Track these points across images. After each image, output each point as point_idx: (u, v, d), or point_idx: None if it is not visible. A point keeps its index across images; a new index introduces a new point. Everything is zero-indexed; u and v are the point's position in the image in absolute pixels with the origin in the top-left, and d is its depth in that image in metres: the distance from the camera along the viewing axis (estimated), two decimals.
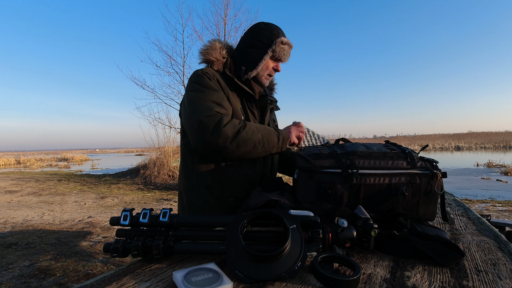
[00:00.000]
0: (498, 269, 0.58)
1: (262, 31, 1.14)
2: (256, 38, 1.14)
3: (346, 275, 0.55)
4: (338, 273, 0.56)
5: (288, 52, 1.15)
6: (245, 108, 1.14)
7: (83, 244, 2.93)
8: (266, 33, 1.13)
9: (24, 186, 7.31)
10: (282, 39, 1.11)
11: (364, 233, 0.64)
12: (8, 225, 3.70)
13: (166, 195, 5.85)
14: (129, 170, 9.78)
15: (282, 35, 1.12)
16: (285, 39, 1.12)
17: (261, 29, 1.14)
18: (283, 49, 1.12)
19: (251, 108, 1.16)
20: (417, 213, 0.83)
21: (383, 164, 0.82)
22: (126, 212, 0.63)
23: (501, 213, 4.07)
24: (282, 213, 0.62)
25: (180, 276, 0.50)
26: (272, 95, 1.35)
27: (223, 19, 8.46)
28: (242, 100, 1.14)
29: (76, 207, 4.83)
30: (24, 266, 2.38)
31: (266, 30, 1.14)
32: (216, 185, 1.07)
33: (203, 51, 1.16)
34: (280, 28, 1.16)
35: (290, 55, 1.18)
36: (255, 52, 1.12)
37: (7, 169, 15.02)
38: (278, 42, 1.10)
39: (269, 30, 1.13)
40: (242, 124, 0.98)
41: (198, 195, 1.09)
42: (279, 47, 1.10)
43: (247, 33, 1.18)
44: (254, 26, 1.17)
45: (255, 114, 1.17)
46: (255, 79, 1.16)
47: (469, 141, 34.69)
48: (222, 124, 0.93)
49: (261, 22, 1.16)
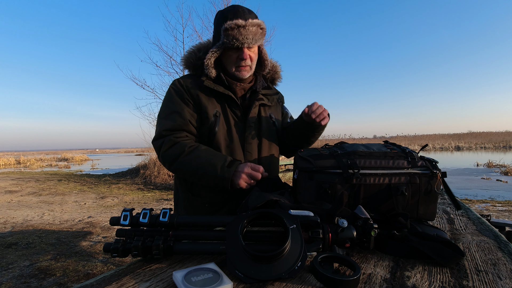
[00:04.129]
0: (498, 269, 0.58)
1: (214, 24, 1.06)
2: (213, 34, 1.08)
3: (346, 275, 0.55)
4: (338, 273, 0.56)
5: (243, 33, 0.96)
6: (225, 110, 1.06)
7: (83, 244, 2.93)
8: (215, 24, 1.05)
9: (24, 186, 7.31)
10: (226, 25, 0.95)
11: (364, 233, 0.64)
12: (8, 225, 3.70)
13: (166, 195, 5.85)
14: (129, 170, 9.78)
15: (228, 19, 0.96)
16: (230, 22, 0.95)
17: (213, 22, 1.07)
18: (232, 35, 0.96)
19: (232, 109, 1.07)
20: (417, 213, 0.83)
21: (384, 163, 0.82)
22: (126, 212, 0.63)
23: (501, 213, 4.07)
24: (282, 213, 0.62)
25: (180, 276, 0.50)
26: (272, 86, 1.23)
27: None
28: (222, 102, 1.07)
29: (76, 207, 4.83)
30: (24, 266, 2.38)
31: (215, 21, 1.05)
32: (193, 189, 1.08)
33: (182, 58, 1.14)
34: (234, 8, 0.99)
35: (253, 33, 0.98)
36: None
37: (7, 169, 15.02)
38: (223, 31, 0.97)
39: (217, 20, 1.03)
40: (185, 150, 0.96)
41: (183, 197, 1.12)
42: (226, 35, 0.97)
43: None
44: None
45: (237, 114, 1.08)
46: (230, 75, 1.07)
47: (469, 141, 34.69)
48: (162, 150, 1.00)
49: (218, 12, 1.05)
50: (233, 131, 1.06)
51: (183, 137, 1.02)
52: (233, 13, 0.97)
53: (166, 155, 0.99)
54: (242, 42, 0.98)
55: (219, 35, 1.01)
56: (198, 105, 1.05)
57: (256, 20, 0.99)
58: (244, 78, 1.07)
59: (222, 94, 1.06)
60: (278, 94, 1.22)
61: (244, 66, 1.04)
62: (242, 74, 1.06)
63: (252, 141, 1.08)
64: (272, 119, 1.16)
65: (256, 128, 1.10)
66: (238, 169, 0.92)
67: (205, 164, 0.94)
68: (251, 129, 1.09)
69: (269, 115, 1.15)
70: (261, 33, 1.02)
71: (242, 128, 1.08)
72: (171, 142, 0.99)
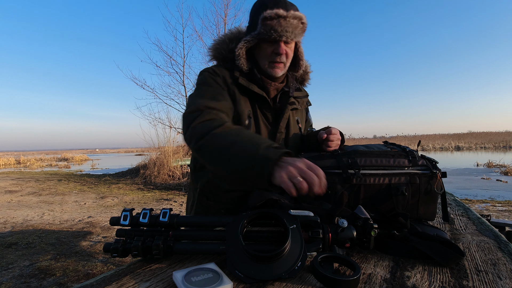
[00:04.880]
0: (498, 269, 0.58)
1: (250, 14, 0.95)
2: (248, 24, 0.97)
3: (346, 275, 0.55)
4: (338, 273, 0.56)
5: (283, 24, 0.86)
6: (255, 112, 0.96)
7: (83, 244, 2.92)
8: (251, 13, 0.94)
9: (24, 186, 7.31)
10: (266, 13, 0.86)
11: (364, 233, 0.64)
12: (8, 225, 3.70)
13: (166, 195, 5.85)
14: (129, 170, 9.78)
15: (268, 8, 0.87)
16: (270, 11, 0.85)
17: (250, 12, 0.96)
18: (270, 25, 0.86)
19: (264, 111, 0.98)
20: (417, 213, 0.83)
21: (385, 162, 0.82)
22: (126, 212, 0.63)
23: (501, 213, 4.07)
24: (282, 213, 0.62)
25: (180, 276, 0.50)
26: (302, 88, 1.11)
27: (223, 19, 8.48)
28: (253, 103, 0.96)
29: (76, 207, 4.83)
30: (24, 266, 2.38)
31: (252, 10, 0.94)
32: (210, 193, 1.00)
33: (210, 47, 1.02)
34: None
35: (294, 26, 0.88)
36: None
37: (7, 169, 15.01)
38: (261, 21, 0.87)
39: (254, 9, 0.93)
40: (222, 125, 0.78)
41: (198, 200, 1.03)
42: (264, 25, 0.87)
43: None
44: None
45: (268, 118, 0.98)
46: (263, 73, 0.96)
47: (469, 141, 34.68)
48: (196, 121, 0.80)
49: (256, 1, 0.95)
50: (262, 135, 0.96)
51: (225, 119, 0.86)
52: (274, 2, 0.87)
53: (199, 126, 0.79)
54: (281, 34, 0.88)
55: (255, 25, 0.90)
56: (233, 102, 0.93)
57: (298, 12, 0.89)
58: (277, 76, 0.96)
59: (255, 94, 0.95)
60: (307, 96, 1.12)
61: (279, 62, 0.93)
62: (275, 71, 0.94)
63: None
64: (299, 124, 1.07)
65: (283, 134, 1.02)
66: (288, 159, 0.65)
67: (246, 141, 0.70)
68: (281, 135, 1.01)
69: (297, 120, 1.06)
70: (302, 28, 0.91)
71: (272, 133, 0.99)
72: (211, 115, 0.82)
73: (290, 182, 0.60)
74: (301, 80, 1.13)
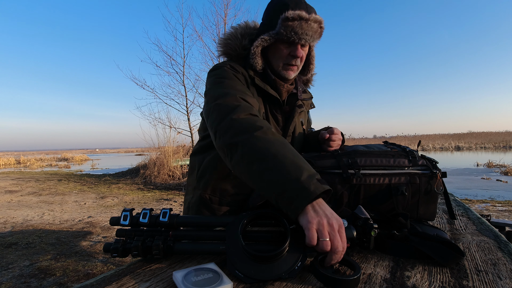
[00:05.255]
0: (498, 269, 0.58)
1: (266, 11, 0.92)
2: (262, 21, 0.94)
3: (346, 275, 0.55)
4: (338, 273, 0.56)
5: (305, 27, 0.84)
6: (267, 113, 0.95)
7: (83, 244, 2.92)
8: (270, 11, 0.91)
9: (24, 186, 7.31)
10: (288, 14, 0.83)
11: (364, 233, 0.64)
12: (8, 225, 3.70)
13: (166, 195, 5.85)
14: (129, 170, 9.78)
15: (290, 8, 0.84)
16: (293, 12, 0.82)
17: (266, 9, 0.93)
18: (291, 27, 0.83)
19: (275, 113, 0.96)
20: (417, 213, 0.83)
21: (385, 162, 0.82)
22: (126, 212, 0.63)
23: (501, 213, 4.07)
24: (282, 213, 0.62)
25: (180, 276, 0.50)
26: (307, 89, 1.11)
27: (223, 19, 8.48)
28: (265, 104, 0.95)
29: (76, 207, 4.83)
30: (24, 266, 2.38)
31: (269, 7, 0.91)
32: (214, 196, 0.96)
33: (221, 41, 0.98)
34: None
35: (314, 30, 0.86)
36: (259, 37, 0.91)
37: (7, 169, 15.02)
38: (282, 21, 0.84)
39: (273, 7, 0.89)
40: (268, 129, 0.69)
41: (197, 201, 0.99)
42: (285, 26, 0.84)
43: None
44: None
45: (278, 120, 0.97)
46: (276, 73, 0.94)
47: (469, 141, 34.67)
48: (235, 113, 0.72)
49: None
50: None
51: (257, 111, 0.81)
52: (295, 2, 0.85)
53: (240, 120, 0.71)
54: (301, 37, 0.85)
55: (274, 23, 0.87)
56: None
57: (318, 16, 0.87)
58: (290, 78, 0.94)
59: (268, 95, 0.94)
60: (311, 98, 1.12)
61: (294, 65, 0.92)
62: (288, 73, 0.92)
63: None
64: (303, 126, 1.06)
65: (292, 137, 1.01)
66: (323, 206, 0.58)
67: (289, 158, 0.62)
68: (290, 138, 1.00)
69: (301, 121, 1.05)
70: (320, 32, 0.90)
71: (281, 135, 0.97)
72: (252, 110, 0.75)
73: (315, 234, 0.54)
74: (305, 81, 1.12)
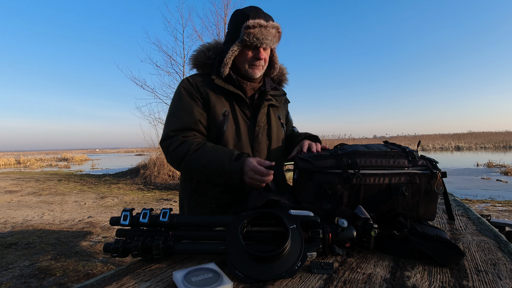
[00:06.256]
0: (498, 269, 0.58)
1: (231, 22, 1.06)
2: (228, 30, 1.08)
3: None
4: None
5: (264, 33, 0.99)
6: (233, 109, 1.07)
7: (83, 244, 2.92)
8: (234, 22, 1.04)
9: (24, 186, 7.31)
10: (249, 22, 0.97)
11: (364, 233, 0.64)
12: (8, 225, 3.70)
13: (166, 195, 5.85)
14: (129, 170, 9.78)
15: (250, 18, 0.98)
16: (253, 21, 0.97)
17: (231, 20, 1.07)
18: (253, 34, 0.98)
19: (242, 108, 1.08)
20: (417, 213, 0.83)
21: (385, 162, 0.82)
22: (126, 212, 0.63)
23: (501, 213, 4.07)
24: (282, 213, 0.62)
25: (180, 276, 0.50)
26: (280, 88, 1.24)
27: (223, 19, 8.49)
28: (231, 101, 1.08)
29: (76, 207, 4.83)
30: (24, 266, 2.38)
31: (233, 18, 1.05)
32: (200, 190, 1.08)
33: (191, 56, 1.15)
34: (254, 9, 1.02)
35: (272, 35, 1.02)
36: (227, 46, 1.05)
37: (7, 169, 15.02)
38: (244, 29, 0.98)
39: (236, 18, 1.03)
40: (191, 148, 0.95)
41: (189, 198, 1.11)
42: (247, 33, 0.98)
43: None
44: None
45: (246, 114, 1.09)
46: (241, 74, 1.08)
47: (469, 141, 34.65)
48: (170, 150, 0.99)
49: (236, 10, 1.06)
50: (241, 130, 1.06)
51: (191, 136, 1.02)
52: (255, 13, 1.00)
53: (174, 154, 0.98)
54: (262, 41, 1.00)
55: (237, 33, 1.01)
56: (207, 104, 1.05)
57: (276, 23, 1.03)
58: (256, 77, 1.08)
59: (232, 93, 1.06)
60: (285, 95, 1.24)
61: (258, 65, 1.06)
62: (254, 72, 1.07)
63: (262, 140, 1.09)
64: (280, 120, 1.19)
65: (265, 128, 1.12)
66: (245, 165, 0.89)
67: (213, 160, 0.93)
68: (261, 129, 1.10)
69: (278, 116, 1.18)
70: (278, 36, 1.05)
71: (251, 128, 1.08)
72: (178, 141, 0.99)
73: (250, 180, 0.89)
74: (278, 81, 1.27)
